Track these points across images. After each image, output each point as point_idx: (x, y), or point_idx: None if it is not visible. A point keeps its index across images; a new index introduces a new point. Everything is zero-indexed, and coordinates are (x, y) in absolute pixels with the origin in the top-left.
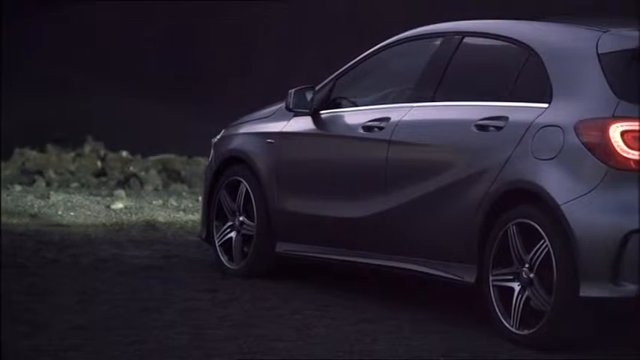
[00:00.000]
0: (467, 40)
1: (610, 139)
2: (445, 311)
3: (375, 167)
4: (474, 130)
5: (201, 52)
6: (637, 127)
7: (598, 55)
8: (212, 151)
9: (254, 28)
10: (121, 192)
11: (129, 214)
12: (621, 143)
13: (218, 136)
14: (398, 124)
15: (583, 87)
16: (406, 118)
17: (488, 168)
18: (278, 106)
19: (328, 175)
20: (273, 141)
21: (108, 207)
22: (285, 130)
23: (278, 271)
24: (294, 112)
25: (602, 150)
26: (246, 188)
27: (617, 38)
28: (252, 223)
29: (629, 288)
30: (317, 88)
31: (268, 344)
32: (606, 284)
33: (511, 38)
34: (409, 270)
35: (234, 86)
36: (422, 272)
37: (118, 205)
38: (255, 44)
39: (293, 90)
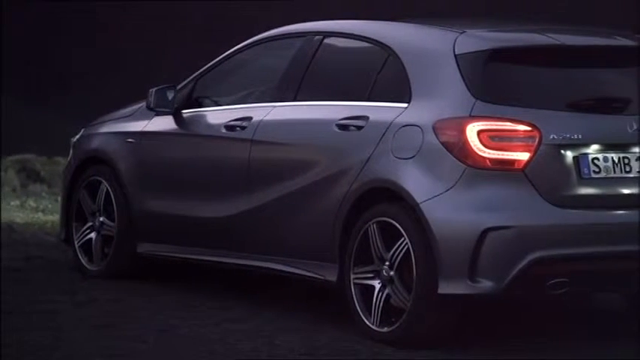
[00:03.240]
0: (328, 40)
1: (467, 139)
2: (308, 310)
3: (238, 167)
4: (335, 129)
5: (62, 50)
6: (493, 127)
7: (455, 55)
8: (71, 150)
9: (116, 27)
10: None
11: None
12: (478, 142)
13: (77, 136)
14: (260, 123)
15: (441, 87)
16: (268, 117)
17: (349, 167)
18: (139, 105)
19: (190, 174)
20: (133, 140)
21: None
22: (145, 129)
23: (141, 272)
24: (155, 111)
25: (460, 149)
26: (107, 188)
27: (473, 39)
28: (112, 224)
29: (485, 284)
30: (178, 87)
31: (129, 345)
32: (464, 281)
33: (371, 39)
34: (272, 269)
35: (95, 85)
36: (285, 271)
37: None
38: (117, 43)
39: (154, 89)
